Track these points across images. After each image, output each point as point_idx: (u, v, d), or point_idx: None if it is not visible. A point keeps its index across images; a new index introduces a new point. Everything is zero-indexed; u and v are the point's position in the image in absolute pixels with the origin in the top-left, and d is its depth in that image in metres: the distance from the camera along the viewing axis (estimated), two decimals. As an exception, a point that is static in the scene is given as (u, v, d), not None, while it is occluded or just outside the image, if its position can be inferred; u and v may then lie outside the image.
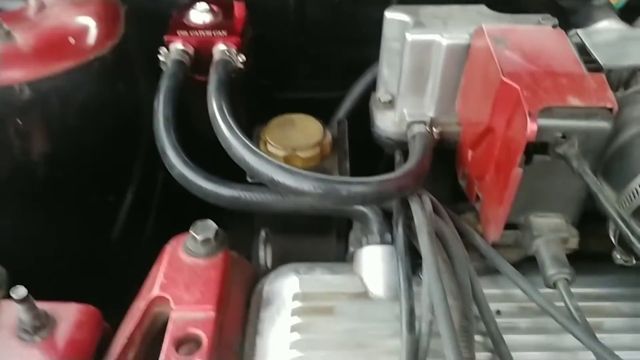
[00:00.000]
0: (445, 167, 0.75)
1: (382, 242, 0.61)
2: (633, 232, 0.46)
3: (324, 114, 0.83)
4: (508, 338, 0.52)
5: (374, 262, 0.59)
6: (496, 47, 0.58)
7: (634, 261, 0.55)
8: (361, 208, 0.66)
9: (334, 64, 0.95)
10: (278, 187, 0.60)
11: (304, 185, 0.58)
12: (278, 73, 0.98)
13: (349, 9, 0.92)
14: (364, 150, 0.80)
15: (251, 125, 0.78)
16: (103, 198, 0.84)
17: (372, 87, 0.80)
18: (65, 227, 0.79)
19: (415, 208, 0.58)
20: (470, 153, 0.66)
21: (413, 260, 0.57)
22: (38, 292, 0.57)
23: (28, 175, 0.76)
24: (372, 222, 0.65)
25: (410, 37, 0.66)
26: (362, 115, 0.80)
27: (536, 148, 0.54)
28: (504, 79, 0.54)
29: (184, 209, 0.82)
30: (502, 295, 0.59)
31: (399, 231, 0.59)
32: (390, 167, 0.72)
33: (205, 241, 0.59)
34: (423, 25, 0.67)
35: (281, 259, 0.68)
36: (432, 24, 0.67)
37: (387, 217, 0.66)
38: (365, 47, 0.78)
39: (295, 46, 0.96)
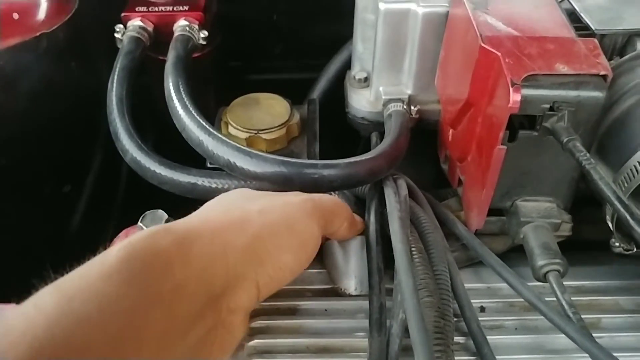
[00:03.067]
0: (428, 151, 0.69)
1: (352, 231, 0.54)
2: (632, 215, 0.39)
3: (299, 96, 0.78)
4: (492, 339, 0.46)
5: (344, 254, 0.53)
6: (474, 12, 0.52)
7: (635, 249, 0.49)
8: (331, 194, 0.60)
9: (310, 42, 0.88)
10: (236, 171, 0.54)
11: (264, 169, 0.53)
12: (249, 53, 0.92)
13: (325, -19, 0.86)
14: (343, 136, 0.74)
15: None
16: (59, 188, 0.78)
17: (349, 64, 0.74)
18: (16, 220, 0.73)
19: (388, 192, 0.52)
20: (450, 132, 0.60)
21: (387, 253, 0.51)
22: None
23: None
24: (343, 210, 0.59)
25: (383, 6, 0.61)
26: (341, 96, 0.74)
27: (521, 123, 0.49)
28: (483, 45, 0.48)
29: (153, 202, 0.76)
30: (486, 290, 0.53)
31: (371, 219, 0.52)
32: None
33: (154, 233, 0.53)
34: (398, -7, 0.61)
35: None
36: (407, -9, 0.61)
37: (360, 204, 0.60)
38: (343, 23, 0.72)
39: (267, 23, 0.90)
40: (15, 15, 0.67)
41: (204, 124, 0.56)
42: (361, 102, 0.69)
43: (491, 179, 0.49)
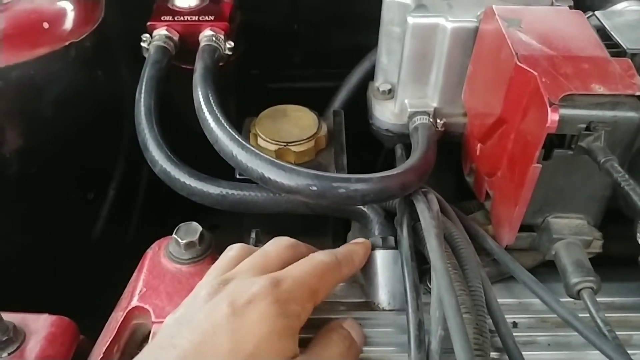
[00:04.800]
0: (449, 161, 0.70)
1: (385, 245, 0.55)
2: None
3: (319, 105, 0.78)
4: (526, 354, 0.46)
5: (376, 269, 0.54)
6: (508, 29, 0.53)
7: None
8: (360, 207, 0.61)
9: (330, 52, 0.90)
10: (269, 184, 0.54)
11: (297, 183, 0.53)
12: (270, 62, 0.92)
13: (346, -8, 0.87)
14: (362, 144, 0.75)
15: (241, 118, 0.73)
16: (83, 196, 0.79)
17: (371, 75, 0.75)
18: (41, 228, 0.74)
19: (421, 208, 0.52)
20: (479, 146, 0.61)
21: (419, 267, 0.52)
22: (10, 299, 0.53)
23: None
24: (373, 223, 0.59)
25: (411, 20, 0.61)
26: (360, 106, 0.75)
27: (551, 140, 0.49)
28: (519, 63, 0.49)
29: (172, 208, 0.77)
30: (517, 305, 0.53)
31: (404, 234, 0.53)
32: (389, 163, 0.67)
33: (189, 245, 0.54)
34: (425, 8, 0.62)
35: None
36: (435, 5, 0.62)
37: (389, 217, 0.60)
38: (363, 33, 0.73)
39: (288, 32, 0.91)
40: (46, 25, 0.68)
41: (237, 137, 0.57)
42: (385, 114, 0.69)
43: (524, 196, 0.50)
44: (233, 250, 0.50)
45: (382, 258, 0.54)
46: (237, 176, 0.62)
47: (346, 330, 0.48)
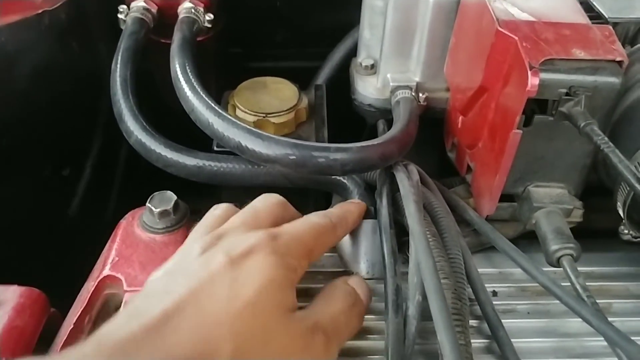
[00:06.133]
0: (431, 139, 0.69)
1: (364, 215, 0.54)
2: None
3: (302, 85, 0.77)
4: (505, 322, 0.46)
5: (355, 238, 0.53)
6: (490, -2, 0.52)
7: (644, 235, 0.49)
8: (340, 179, 0.60)
9: (313, 30, 0.88)
10: (247, 154, 0.53)
11: (276, 152, 0.52)
12: (251, 40, 0.91)
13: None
14: (344, 123, 0.74)
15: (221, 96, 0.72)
16: (58, 171, 0.77)
17: (353, 52, 0.74)
18: (15, 203, 0.72)
19: (400, 177, 0.52)
20: (460, 119, 0.60)
21: (398, 238, 0.51)
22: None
23: (-30, 145, 0.68)
24: (353, 195, 0.58)
25: (394, -8, 0.60)
26: (343, 85, 0.74)
27: (532, 109, 0.49)
28: (500, 29, 0.48)
29: (150, 184, 0.75)
30: (497, 275, 0.53)
31: (383, 202, 0.52)
32: (373, 140, 0.67)
33: (163, 214, 0.53)
34: (408, -20, 0.61)
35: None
36: (418, -23, 0.61)
37: (369, 190, 0.59)
38: (346, 11, 0.72)
39: (269, 10, 0.89)
40: (17, -9, 0.66)
41: (213, 105, 0.56)
42: (368, 89, 0.68)
43: (505, 163, 0.49)
44: (219, 209, 0.49)
45: (361, 227, 0.53)
46: (215, 148, 0.61)
47: (351, 287, 0.46)
